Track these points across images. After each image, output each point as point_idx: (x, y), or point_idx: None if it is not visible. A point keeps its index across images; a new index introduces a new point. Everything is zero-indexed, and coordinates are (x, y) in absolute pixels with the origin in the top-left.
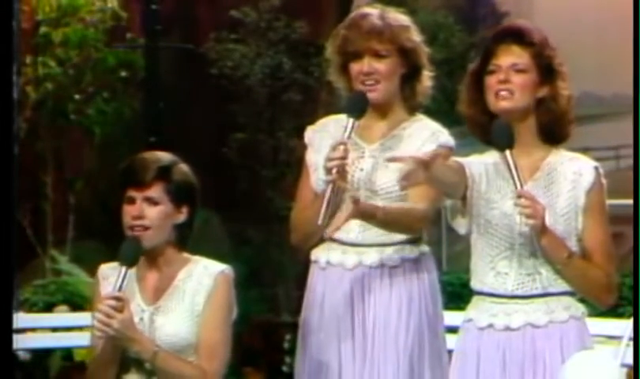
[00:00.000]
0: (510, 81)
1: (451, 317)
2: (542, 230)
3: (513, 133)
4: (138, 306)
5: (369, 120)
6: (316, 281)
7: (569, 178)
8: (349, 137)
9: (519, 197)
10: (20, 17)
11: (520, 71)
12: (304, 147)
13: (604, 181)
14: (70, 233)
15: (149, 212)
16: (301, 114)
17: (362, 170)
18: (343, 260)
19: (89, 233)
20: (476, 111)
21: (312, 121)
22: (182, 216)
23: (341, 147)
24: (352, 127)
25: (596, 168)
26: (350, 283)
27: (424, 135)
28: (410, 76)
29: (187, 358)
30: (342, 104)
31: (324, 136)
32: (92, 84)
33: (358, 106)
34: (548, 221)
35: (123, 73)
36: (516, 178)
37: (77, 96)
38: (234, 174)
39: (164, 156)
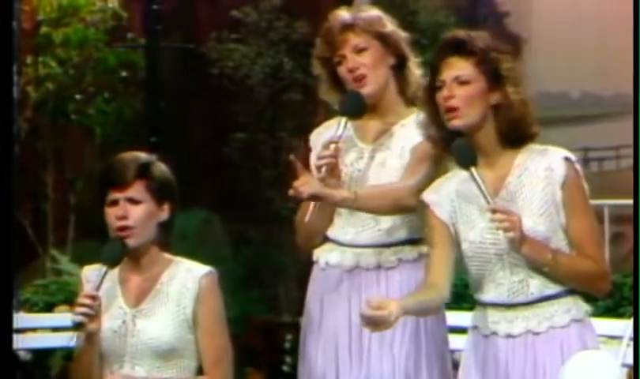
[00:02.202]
0: (453, 96)
1: (453, 317)
2: (521, 240)
3: (474, 151)
4: (120, 309)
5: (368, 119)
6: (316, 282)
7: (541, 175)
8: (341, 136)
9: (493, 212)
10: (21, 17)
11: (463, 83)
12: (308, 149)
13: (578, 167)
14: (71, 233)
15: (133, 212)
16: (302, 114)
17: (359, 170)
18: (341, 261)
19: (90, 233)
20: (435, 128)
21: (313, 122)
22: (164, 214)
23: (332, 145)
24: (345, 126)
25: (566, 159)
26: (348, 284)
27: (418, 131)
28: (399, 66)
29: (170, 362)
30: (339, 105)
31: (325, 138)
32: (92, 84)
33: (353, 105)
34: (527, 225)
35: (124, 73)
36: (486, 193)
37: (77, 96)
38: (234, 173)
39: (142, 155)
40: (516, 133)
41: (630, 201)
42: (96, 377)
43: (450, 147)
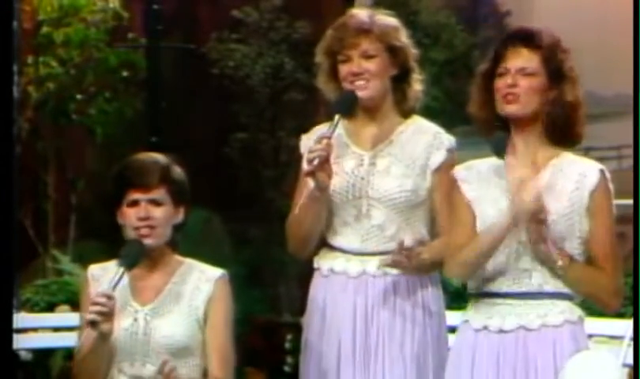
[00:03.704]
0: (517, 85)
1: (452, 317)
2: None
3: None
4: (131, 307)
5: (363, 126)
6: (318, 288)
7: (573, 178)
8: (333, 133)
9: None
10: (22, 17)
11: (528, 75)
12: (299, 154)
13: (610, 185)
14: (72, 233)
15: (155, 213)
16: (303, 114)
17: (362, 178)
18: (346, 268)
19: (91, 233)
20: (487, 113)
21: (314, 121)
22: (179, 217)
23: (324, 141)
24: (337, 123)
25: (601, 171)
26: (353, 291)
27: (426, 140)
28: (400, 78)
29: (181, 360)
30: (333, 103)
31: None
32: (93, 83)
33: (346, 104)
34: (552, 222)
35: (125, 73)
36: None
37: (78, 96)
38: (235, 173)
39: (161, 157)
40: (562, 133)
41: (631, 201)
42: (102, 376)
43: (491, 135)
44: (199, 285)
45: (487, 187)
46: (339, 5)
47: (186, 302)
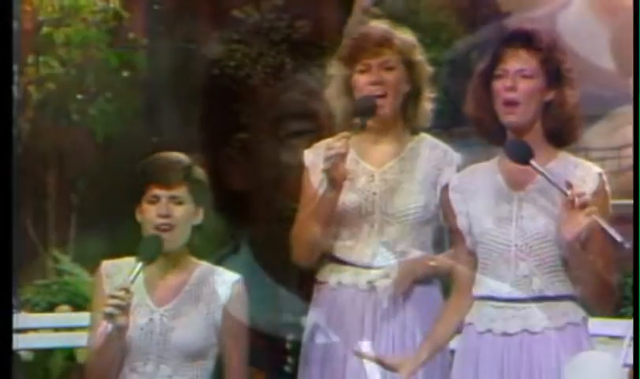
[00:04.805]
0: (516, 88)
1: None
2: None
3: (529, 145)
4: (147, 306)
5: (374, 142)
6: (323, 302)
7: (572, 182)
8: (353, 134)
9: (569, 186)
10: (22, 17)
11: (526, 77)
12: (302, 167)
13: (608, 189)
14: (72, 233)
15: (175, 211)
16: (303, 115)
17: (375, 194)
18: (356, 282)
19: (91, 233)
20: (485, 114)
21: (315, 122)
22: (199, 218)
23: (343, 139)
24: (359, 126)
25: (600, 175)
26: (362, 304)
27: (436, 156)
28: (412, 95)
29: (195, 362)
30: (354, 106)
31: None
32: (94, 84)
33: (366, 108)
34: (541, 222)
35: (125, 73)
36: (553, 180)
37: (79, 96)
38: (235, 173)
39: (183, 157)
40: (562, 133)
41: (631, 201)
42: (115, 373)
43: (504, 144)
44: (217, 288)
45: (482, 195)
46: (339, 5)
47: (203, 305)
